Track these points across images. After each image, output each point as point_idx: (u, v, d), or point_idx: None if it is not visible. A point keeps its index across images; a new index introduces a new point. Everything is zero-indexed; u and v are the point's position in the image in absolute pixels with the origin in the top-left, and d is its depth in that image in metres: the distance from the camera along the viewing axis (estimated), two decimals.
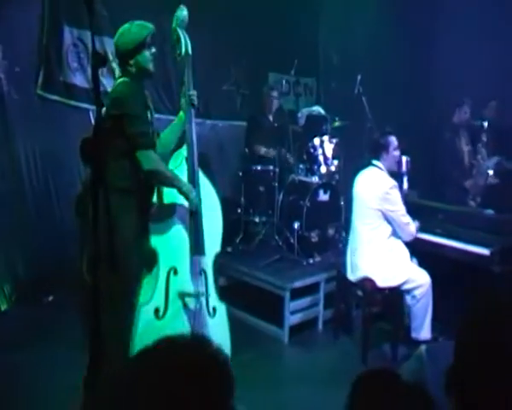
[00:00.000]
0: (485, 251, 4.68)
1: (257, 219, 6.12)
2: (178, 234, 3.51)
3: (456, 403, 1.55)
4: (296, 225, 5.66)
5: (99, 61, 2.28)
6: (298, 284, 5.14)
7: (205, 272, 3.59)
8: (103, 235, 2.23)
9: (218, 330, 3.63)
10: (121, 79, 3.43)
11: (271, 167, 6.08)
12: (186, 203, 3.49)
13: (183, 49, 3.63)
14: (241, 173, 6.25)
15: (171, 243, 3.48)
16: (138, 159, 3.29)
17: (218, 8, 6.69)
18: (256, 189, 6.13)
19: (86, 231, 3.87)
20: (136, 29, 3.38)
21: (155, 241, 3.42)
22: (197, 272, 3.54)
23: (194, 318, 3.49)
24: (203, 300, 3.57)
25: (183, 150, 3.62)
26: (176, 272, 3.46)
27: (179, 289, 3.47)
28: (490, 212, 5.24)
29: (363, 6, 7.67)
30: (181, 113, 3.69)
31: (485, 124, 6.06)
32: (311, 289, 5.31)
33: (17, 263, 5.43)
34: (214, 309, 3.66)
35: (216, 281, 3.77)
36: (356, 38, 7.88)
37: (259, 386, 4.10)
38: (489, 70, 6.74)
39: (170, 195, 3.51)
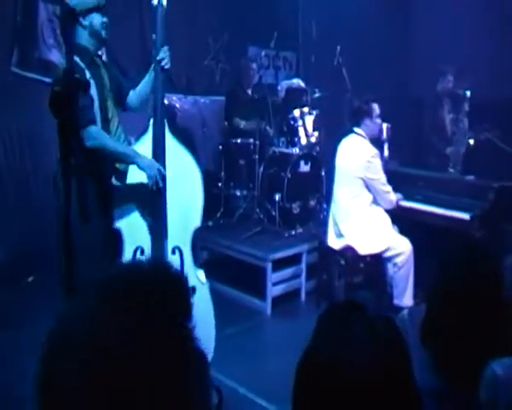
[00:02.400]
0: (465, 216, 4.69)
1: (238, 193, 6.07)
2: (144, 212, 3.30)
3: (432, 353, 1.54)
4: (277, 197, 5.62)
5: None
6: (279, 255, 5.12)
7: (180, 250, 3.33)
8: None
9: (198, 311, 3.39)
10: None
11: (251, 140, 6.01)
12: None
13: None
14: (221, 147, 6.19)
15: (136, 222, 3.27)
16: (80, 136, 3.05)
17: None
18: (236, 162, 6.07)
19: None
20: None
21: (120, 220, 3.23)
22: (167, 252, 3.30)
23: None
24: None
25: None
26: (142, 252, 3.26)
27: None
28: (470, 178, 5.24)
29: None
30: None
31: (468, 93, 6.03)
32: (293, 260, 5.30)
33: None
34: (193, 289, 3.32)
35: (197, 258, 3.59)
36: (335, 10, 7.79)
37: (243, 359, 4.11)
38: (472, 39, 6.71)
39: (135, 171, 3.27)
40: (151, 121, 3.25)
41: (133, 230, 3.25)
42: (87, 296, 0.89)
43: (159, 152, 3.21)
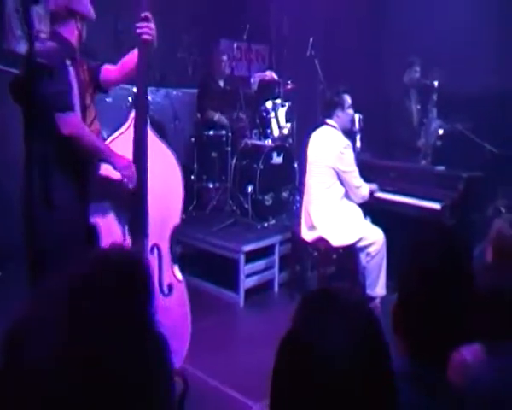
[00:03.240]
0: (436, 205, 4.74)
1: (210, 185, 6.03)
2: (124, 208, 3.17)
3: (403, 341, 1.53)
4: (250, 189, 5.60)
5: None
6: (252, 246, 5.10)
7: (158, 248, 3.25)
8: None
9: (175, 309, 3.33)
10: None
11: (224, 132, 5.99)
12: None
13: None
14: (193, 139, 6.15)
15: (114, 218, 3.14)
16: (55, 122, 2.90)
17: None
18: (209, 154, 6.03)
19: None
20: None
21: (96, 215, 3.09)
22: (146, 250, 3.19)
23: None
24: (153, 279, 3.29)
25: None
26: None
27: None
28: (441, 168, 5.29)
29: None
30: None
31: (436, 83, 6.06)
32: (266, 251, 5.29)
33: None
34: (170, 286, 3.32)
35: (173, 255, 3.45)
36: (307, 2, 7.80)
37: (216, 352, 4.08)
38: (440, 31, 6.75)
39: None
40: (131, 115, 3.07)
41: (111, 226, 3.12)
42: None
43: (140, 149, 3.03)
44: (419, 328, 1.51)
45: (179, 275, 3.38)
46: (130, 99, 6.26)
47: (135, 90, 3.22)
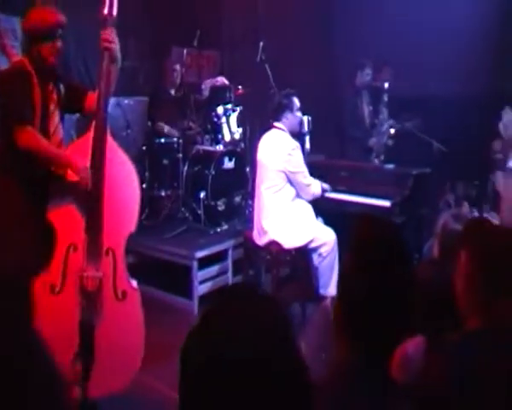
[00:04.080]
0: (386, 203, 4.77)
1: (162, 193, 5.95)
2: (80, 210, 3.23)
3: (345, 338, 1.52)
4: (202, 195, 5.55)
5: None
6: (204, 252, 5.07)
7: (113, 252, 3.26)
8: None
9: (128, 316, 3.34)
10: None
11: (175, 140, 5.95)
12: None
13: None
14: (144, 148, 6.07)
15: (71, 219, 3.20)
16: (14, 136, 3.09)
17: None
18: (160, 162, 5.96)
19: None
20: (46, 15, 3.20)
21: (53, 215, 3.18)
22: (100, 252, 3.21)
23: (92, 299, 3.17)
24: (107, 282, 3.23)
25: None
26: (75, 249, 3.17)
27: (78, 268, 3.16)
28: (390, 166, 5.34)
29: None
30: None
31: (386, 85, 6.14)
32: (219, 257, 5.25)
33: None
34: (124, 293, 3.30)
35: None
36: (257, 6, 7.83)
37: (170, 360, 4.01)
38: (391, 32, 6.84)
39: None
40: (93, 123, 3.16)
41: (67, 226, 3.19)
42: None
43: (98, 154, 3.14)
44: (360, 325, 1.50)
45: (134, 283, 3.41)
46: None
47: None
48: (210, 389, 0.97)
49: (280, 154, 4.59)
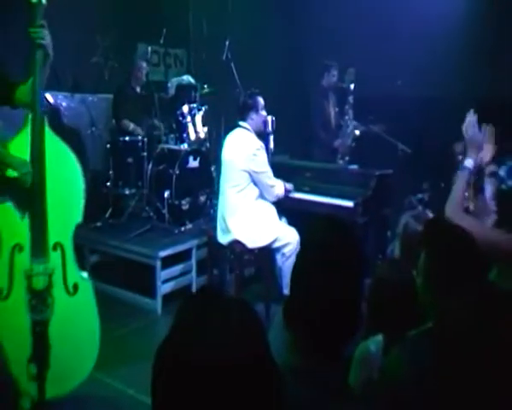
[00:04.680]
0: (349, 203, 4.81)
1: (126, 192, 5.89)
2: (23, 208, 3.12)
3: (296, 335, 1.52)
4: (166, 194, 5.53)
5: None
6: (168, 251, 5.03)
7: (61, 246, 3.21)
8: None
9: (82, 308, 3.29)
10: None
11: (139, 138, 5.90)
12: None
13: None
14: (108, 146, 5.99)
15: (14, 219, 3.10)
16: None
17: None
18: (124, 160, 5.88)
19: None
20: None
21: None
22: (47, 248, 3.14)
23: (42, 298, 3.10)
24: (57, 278, 3.18)
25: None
26: (21, 249, 3.09)
27: (26, 267, 3.09)
28: (353, 167, 5.39)
29: None
30: None
31: (352, 86, 6.17)
32: (183, 256, 5.22)
33: None
34: (75, 286, 3.26)
35: (78, 254, 3.38)
36: (225, 6, 7.82)
37: (133, 360, 4.00)
38: (357, 34, 6.89)
39: None
40: (29, 116, 3.08)
41: (11, 227, 3.09)
42: None
43: (37, 148, 3.05)
44: (311, 322, 1.50)
45: (84, 274, 3.35)
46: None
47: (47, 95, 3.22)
48: (182, 394, 0.97)
49: (245, 154, 4.59)
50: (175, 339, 1.04)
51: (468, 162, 2.65)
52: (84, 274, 3.35)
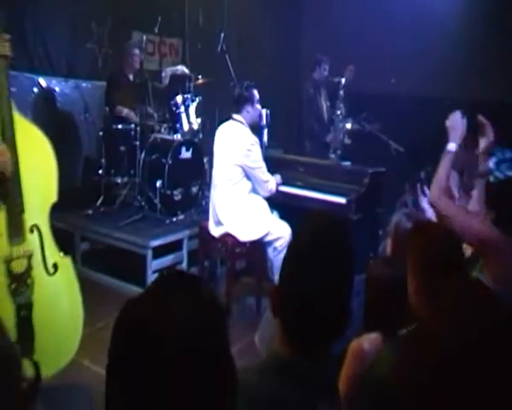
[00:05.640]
0: (342, 200, 4.82)
1: (118, 180, 5.87)
2: None
3: (282, 325, 1.51)
4: (158, 184, 5.49)
5: None
6: (159, 241, 5.03)
7: (38, 228, 3.19)
8: None
9: (63, 287, 3.30)
10: None
11: (132, 126, 5.85)
12: None
13: None
14: (101, 133, 5.96)
15: None
16: None
17: None
18: (117, 149, 5.85)
19: None
20: None
21: None
22: (24, 231, 3.12)
23: (23, 281, 3.08)
24: (36, 259, 3.16)
25: None
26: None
27: (5, 253, 3.03)
28: (347, 164, 5.39)
29: None
30: None
31: (343, 80, 6.17)
32: (175, 247, 5.22)
33: None
34: (55, 266, 3.26)
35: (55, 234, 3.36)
36: None
37: None
38: (352, 30, 6.90)
39: None
40: None
41: None
42: None
43: (7, 132, 3.02)
44: (292, 315, 1.50)
45: (62, 253, 3.33)
46: (35, 89, 6.06)
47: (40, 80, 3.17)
48: (133, 356, 0.99)
49: (239, 148, 4.56)
50: (137, 303, 1.05)
51: (451, 146, 2.71)
52: (62, 253, 3.34)
